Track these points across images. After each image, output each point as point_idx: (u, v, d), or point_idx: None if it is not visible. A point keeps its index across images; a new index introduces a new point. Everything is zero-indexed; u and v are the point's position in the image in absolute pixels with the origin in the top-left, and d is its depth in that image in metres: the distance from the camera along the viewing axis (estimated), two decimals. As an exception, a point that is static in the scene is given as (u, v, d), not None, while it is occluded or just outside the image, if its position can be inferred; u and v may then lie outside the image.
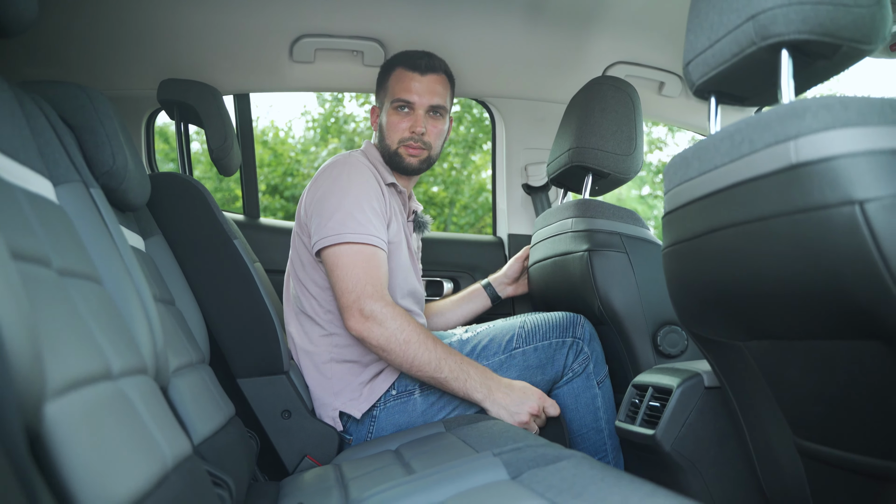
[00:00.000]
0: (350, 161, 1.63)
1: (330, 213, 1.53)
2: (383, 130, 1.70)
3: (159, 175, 1.57)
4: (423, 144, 1.68)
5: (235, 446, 1.20)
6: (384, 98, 1.72)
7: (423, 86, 1.67)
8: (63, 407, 0.56)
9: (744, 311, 1.02)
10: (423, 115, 1.67)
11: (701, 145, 0.99)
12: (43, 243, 0.71)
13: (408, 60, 1.69)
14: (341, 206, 1.53)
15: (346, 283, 1.48)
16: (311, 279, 1.62)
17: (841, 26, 0.87)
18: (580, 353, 1.62)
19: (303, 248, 1.64)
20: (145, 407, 0.75)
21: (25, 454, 0.47)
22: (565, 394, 1.62)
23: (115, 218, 1.03)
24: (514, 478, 0.94)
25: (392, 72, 1.70)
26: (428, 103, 1.67)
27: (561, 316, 1.64)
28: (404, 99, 1.66)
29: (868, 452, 0.97)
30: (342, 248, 1.50)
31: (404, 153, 1.68)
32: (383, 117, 1.71)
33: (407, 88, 1.66)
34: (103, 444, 0.60)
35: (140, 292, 0.97)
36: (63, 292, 0.70)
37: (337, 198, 1.54)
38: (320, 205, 1.56)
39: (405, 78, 1.68)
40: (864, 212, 0.74)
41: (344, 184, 1.56)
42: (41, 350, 0.53)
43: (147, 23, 1.81)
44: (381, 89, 1.74)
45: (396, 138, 1.68)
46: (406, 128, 1.67)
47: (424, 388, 1.57)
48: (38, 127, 0.95)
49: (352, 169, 1.60)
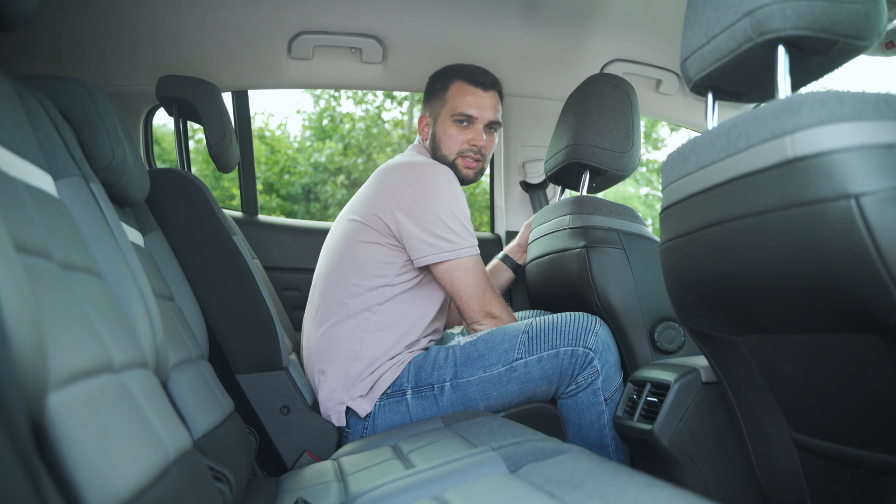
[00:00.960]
0: (445, 172, 1.65)
1: (447, 228, 1.58)
2: (439, 141, 1.75)
3: (158, 171, 1.57)
4: (481, 157, 1.75)
5: (235, 441, 1.20)
6: (440, 108, 1.76)
7: (485, 101, 1.74)
8: (65, 398, 0.57)
9: (740, 306, 1.03)
10: (482, 129, 1.74)
11: (698, 141, 1.00)
12: (44, 237, 0.71)
13: (470, 75, 1.75)
14: (457, 220, 1.60)
15: (473, 291, 1.61)
16: (374, 274, 1.62)
17: (836, 22, 0.87)
18: (588, 365, 1.54)
19: (369, 243, 1.63)
20: (146, 400, 0.76)
21: (30, 444, 0.47)
22: (568, 407, 1.58)
23: (114, 213, 1.03)
24: (512, 472, 0.94)
25: (451, 84, 1.75)
26: (489, 119, 1.75)
27: (572, 319, 1.57)
28: (467, 113, 1.73)
29: (863, 446, 0.98)
30: (464, 261, 1.60)
31: (461, 164, 1.74)
32: (440, 128, 1.75)
33: (469, 103, 1.73)
34: (105, 436, 0.60)
35: (140, 287, 0.97)
36: (64, 285, 0.71)
37: (450, 212, 1.59)
38: (433, 217, 1.58)
39: (467, 92, 1.73)
40: (859, 206, 0.75)
41: (453, 196, 1.61)
42: (44, 341, 0.53)
43: (146, 19, 1.81)
44: (437, 100, 1.77)
45: (455, 150, 1.74)
46: (465, 140, 1.73)
47: (416, 390, 1.57)
48: (38, 121, 0.95)
49: (453, 180, 1.64)
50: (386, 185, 1.65)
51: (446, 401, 1.56)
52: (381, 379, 1.59)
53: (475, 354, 1.56)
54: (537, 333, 1.55)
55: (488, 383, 1.55)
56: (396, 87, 2.29)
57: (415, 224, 1.58)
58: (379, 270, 1.62)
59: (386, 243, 1.62)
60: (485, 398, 1.55)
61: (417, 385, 1.58)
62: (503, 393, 1.55)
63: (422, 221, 1.58)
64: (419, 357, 1.61)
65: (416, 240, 1.58)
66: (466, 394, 1.55)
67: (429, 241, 1.58)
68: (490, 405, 1.56)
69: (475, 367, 1.55)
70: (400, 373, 1.59)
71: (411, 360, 1.61)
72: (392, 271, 1.62)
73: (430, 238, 1.57)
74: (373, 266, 1.62)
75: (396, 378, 1.59)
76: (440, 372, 1.57)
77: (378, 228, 1.62)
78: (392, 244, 1.62)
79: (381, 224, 1.61)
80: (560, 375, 1.55)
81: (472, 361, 1.56)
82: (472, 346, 1.58)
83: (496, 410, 1.57)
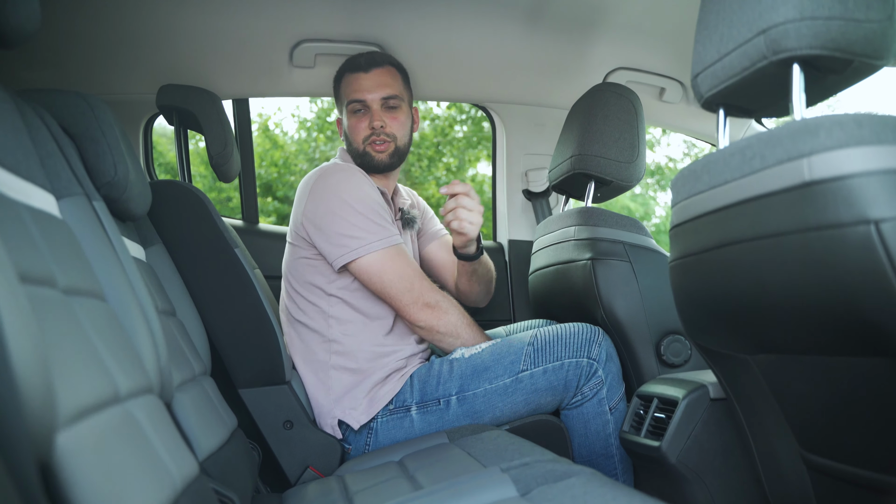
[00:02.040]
0: (344, 169, 1.64)
1: (349, 225, 1.55)
2: (348, 136, 1.74)
3: (159, 183, 1.55)
4: (387, 136, 1.71)
5: (239, 460, 1.18)
6: (341, 106, 1.77)
7: (371, 82, 1.70)
8: (74, 436, 0.55)
9: (752, 326, 1.02)
10: (379, 109, 1.70)
11: (710, 159, 0.99)
12: (48, 262, 0.70)
13: (349, 63, 1.75)
14: (358, 215, 1.55)
15: (400, 284, 1.55)
16: (313, 286, 1.62)
17: (852, 41, 0.86)
18: (593, 376, 1.54)
19: (299, 259, 1.64)
20: (152, 428, 0.74)
21: (38, 489, 0.46)
22: (574, 417, 1.56)
23: (117, 231, 1.02)
24: (522, 495, 0.93)
25: (342, 79, 1.75)
26: (379, 97, 1.70)
27: (576, 330, 1.55)
28: (356, 99, 1.71)
29: (874, 467, 0.97)
30: (376, 256, 1.55)
31: (371, 151, 1.70)
32: (346, 123, 1.75)
33: (355, 89, 1.71)
34: (114, 473, 0.58)
35: (143, 308, 0.95)
36: (70, 313, 0.69)
37: (349, 208, 1.56)
38: (332, 218, 1.56)
39: (352, 80, 1.72)
40: (879, 231, 0.74)
41: (350, 192, 1.57)
42: (52, 379, 0.52)
43: (146, 26, 1.79)
44: (337, 99, 1.79)
45: (360, 138, 1.71)
46: (365, 126, 1.70)
47: (421, 405, 1.56)
48: (39, 138, 0.93)
49: (350, 176, 1.61)
50: (298, 198, 1.66)
51: (452, 414, 1.55)
52: (380, 392, 1.57)
53: (480, 367, 1.55)
54: (542, 345, 1.54)
55: (494, 395, 1.54)
56: (399, 96, 2.27)
57: (320, 228, 1.57)
58: (316, 282, 1.62)
59: (311, 255, 1.62)
60: (491, 410, 1.54)
61: (423, 400, 1.56)
62: (509, 404, 1.54)
63: (325, 224, 1.56)
64: (422, 371, 1.60)
65: (325, 244, 1.57)
66: (473, 407, 1.54)
67: (336, 242, 1.56)
68: (496, 417, 1.55)
69: (481, 380, 1.54)
70: (402, 387, 1.58)
71: (414, 374, 1.59)
72: (325, 281, 1.62)
73: (337, 239, 1.55)
74: (309, 279, 1.63)
75: (398, 393, 1.57)
76: (446, 386, 1.55)
77: (300, 243, 1.63)
78: (315, 255, 1.62)
79: (300, 238, 1.62)
80: (565, 386, 1.54)
81: (479, 374, 1.54)
82: (477, 357, 1.56)
83: (502, 422, 1.56)
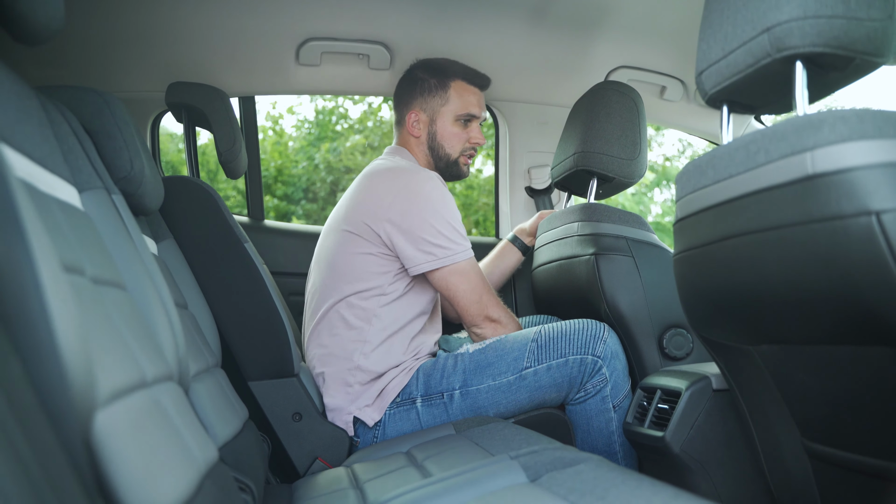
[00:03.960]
0: (433, 177, 1.64)
1: (439, 234, 1.58)
2: (441, 140, 1.77)
3: (170, 178, 1.57)
4: (475, 153, 1.82)
5: (252, 449, 1.20)
6: (440, 107, 1.77)
7: (483, 101, 1.81)
8: (110, 416, 0.57)
9: (755, 316, 1.04)
10: (479, 126, 1.81)
11: (715, 154, 1.01)
12: (77, 252, 0.72)
13: (469, 76, 1.79)
14: (448, 225, 1.60)
15: (472, 296, 1.62)
16: (368, 283, 1.62)
17: (854, 39, 0.89)
18: (597, 373, 1.55)
19: (358, 254, 1.62)
20: (177, 413, 0.76)
21: (86, 465, 0.48)
22: (577, 413, 1.59)
23: (135, 224, 1.04)
24: (532, 481, 0.95)
25: (451, 83, 1.77)
26: (485, 117, 1.83)
27: (581, 327, 1.57)
28: (472, 113, 1.78)
29: (876, 454, 0.99)
30: (459, 266, 1.61)
31: (463, 162, 1.80)
32: (440, 127, 1.77)
33: (473, 103, 1.78)
34: (147, 452, 0.61)
35: (162, 298, 0.98)
36: (99, 300, 0.71)
37: (441, 218, 1.59)
38: (424, 225, 1.57)
39: (469, 92, 1.78)
40: (880, 222, 0.76)
41: (443, 203, 1.61)
42: (92, 360, 0.54)
43: (155, 24, 1.81)
44: (433, 97, 1.77)
45: (459, 149, 1.79)
46: (468, 139, 1.79)
47: (426, 398, 1.58)
48: (61, 133, 0.95)
49: (442, 186, 1.64)
50: (373, 193, 1.64)
51: (456, 408, 1.57)
52: (389, 387, 1.59)
53: (484, 363, 1.57)
54: (546, 342, 1.56)
55: (498, 391, 1.56)
56: (403, 93, 2.30)
57: (407, 234, 1.57)
58: (373, 281, 1.62)
59: (379, 253, 1.61)
60: (494, 405, 1.56)
61: (427, 393, 1.58)
62: (513, 401, 1.56)
63: (413, 231, 1.57)
64: (427, 364, 1.62)
65: (410, 249, 1.58)
66: (476, 401, 1.56)
67: (423, 249, 1.57)
68: (500, 412, 1.57)
69: (484, 375, 1.56)
70: (408, 381, 1.60)
71: (420, 368, 1.62)
72: (386, 280, 1.62)
73: (424, 246, 1.57)
74: (367, 276, 1.62)
75: (405, 386, 1.60)
76: (449, 380, 1.57)
77: (369, 238, 1.61)
78: (385, 253, 1.61)
79: (372, 234, 1.60)
80: (569, 383, 1.56)
81: (482, 369, 1.56)
82: (481, 353, 1.58)
83: (506, 417, 1.58)
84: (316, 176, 9.48)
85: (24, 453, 0.38)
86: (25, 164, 0.71)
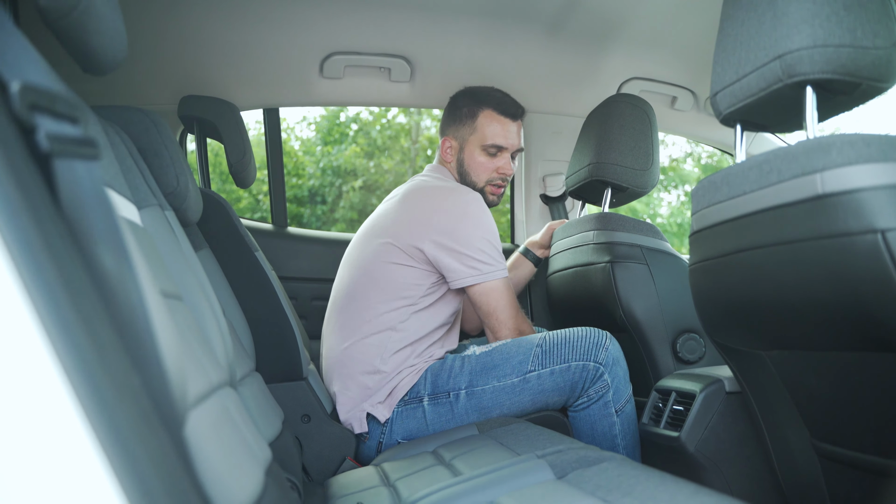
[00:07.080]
0: (478, 198, 1.70)
1: (482, 252, 1.64)
2: (468, 167, 1.81)
3: None
4: (504, 182, 1.82)
5: (292, 449, 1.27)
6: (468, 135, 1.80)
7: (513, 131, 1.80)
8: (196, 417, 0.64)
9: (767, 324, 1.10)
10: (509, 158, 1.82)
11: (730, 172, 1.08)
12: (155, 270, 0.79)
13: (500, 105, 1.79)
14: (490, 244, 1.66)
15: (506, 311, 1.68)
16: (401, 293, 1.67)
17: (861, 67, 0.95)
18: (598, 379, 1.59)
19: (393, 264, 1.67)
20: (238, 416, 0.83)
21: (187, 462, 0.55)
22: (580, 419, 1.62)
23: (186, 238, 1.11)
24: (560, 478, 1.01)
25: (480, 112, 1.79)
26: (515, 147, 1.82)
27: (583, 334, 1.61)
28: (498, 144, 1.78)
29: (882, 454, 1.05)
30: (498, 283, 1.66)
31: (489, 191, 1.82)
32: (468, 155, 1.80)
33: (500, 134, 1.78)
34: (226, 450, 0.68)
35: (213, 307, 1.05)
36: (169, 311, 0.78)
37: (483, 236, 1.65)
38: (470, 242, 1.64)
39: (497, 122, 1.78)
40: (885, 240, 0.83)
41: (487, 222, 1.67)
42: (185, 365, 0.61)
43: (172, 38, 1.87)
44: (463, 126, 1.81)
45: (485, 178, 1.81)
46: (494, 168, 1.80)
47: (433, 397, 1.63)
48: (120, 154, 1.02)
49: (480, 203, 1.69)
50: (420, 210, 1.69)
51: (461, 408, 1.62)
52: (399, 386, 1.65)
53: (490, 364, 1.62)
54: (550, 347, 1.61)
55: (502, 393, 1.61)
56: (423, 105, 2.36)
57: (452, 250, 1.63)
58: (405, 291, 1.67)
59: (417, 266, 1.66)
60: (498, 406, 1.61)
61: (434, 392, 1.64)
62: (516, 402, 1.61)
63: (459, 247, 1.63)
64: (436, 365, 1.68)
65: (455, 264, 1.63)
66: (481, 402, 1.61)
67: (468, 264, 1.63)
68: (503, 413, 1.62)
69: (489, 377, 1.61)
70: (417, 380, 1.66)
71: (428, 368, 1.67)
72: (418, 292, 1.67)
73: (469, 261, 1.63)
74: (400, 287, 1.67)
75: (413, 385, 1.65)
76: (456, 380, 1.63)
77: (411, 253, 1.66)
78: (423, 268, 1.66)
79: (415, 250, 1.65)
80: (571, 388, 1.60)
81: (487, 371, 1.62)
82: (487, 356, 1.64)
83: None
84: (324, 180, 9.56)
85: (157, 454, 0.45)
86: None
